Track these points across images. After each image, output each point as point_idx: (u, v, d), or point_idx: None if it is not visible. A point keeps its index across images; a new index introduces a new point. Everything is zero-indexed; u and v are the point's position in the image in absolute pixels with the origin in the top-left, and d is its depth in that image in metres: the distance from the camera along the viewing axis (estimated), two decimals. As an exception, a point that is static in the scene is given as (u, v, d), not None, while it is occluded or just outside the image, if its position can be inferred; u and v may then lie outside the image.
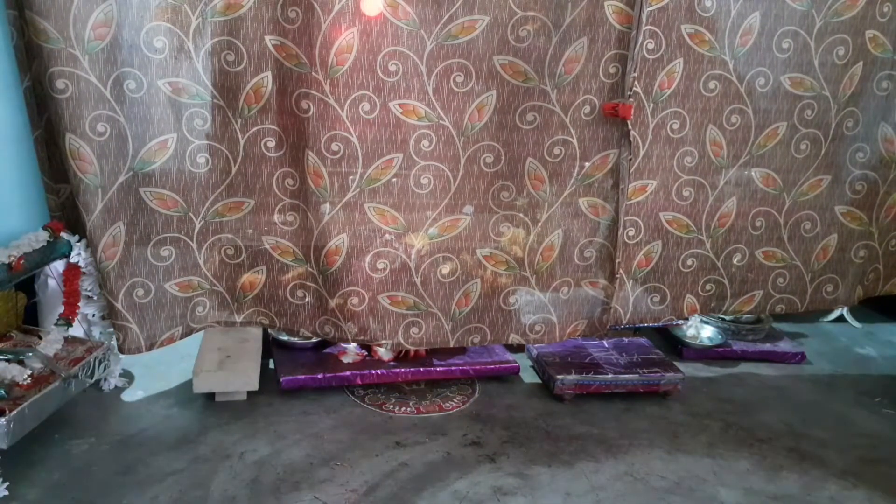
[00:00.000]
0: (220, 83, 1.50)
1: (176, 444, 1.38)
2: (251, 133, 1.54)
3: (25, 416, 1.23)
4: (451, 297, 1.69)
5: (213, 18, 1.46)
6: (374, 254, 1.64)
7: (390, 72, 1.52)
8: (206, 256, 1.61)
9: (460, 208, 1.65)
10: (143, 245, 1.53)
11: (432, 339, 1.71)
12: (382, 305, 1.67)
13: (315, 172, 1.55)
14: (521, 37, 1.53)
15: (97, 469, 1.28)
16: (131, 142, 1.45)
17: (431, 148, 1.59)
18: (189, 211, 1.56)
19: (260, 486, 1.25)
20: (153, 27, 1.42)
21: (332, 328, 1.67)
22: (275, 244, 1.63)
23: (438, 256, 1.66)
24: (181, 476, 1.26)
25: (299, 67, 1.49)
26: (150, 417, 1.47)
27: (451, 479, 1.34)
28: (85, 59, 1.36)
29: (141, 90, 1.44)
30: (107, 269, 1.48)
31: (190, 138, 1.52)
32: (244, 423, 1.47)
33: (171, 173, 1.52)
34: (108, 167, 1.44)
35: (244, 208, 1.60)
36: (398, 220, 1.63)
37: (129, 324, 1.53)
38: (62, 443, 1.34)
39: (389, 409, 1.60)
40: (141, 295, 1.54)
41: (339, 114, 1.52)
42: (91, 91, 1.38)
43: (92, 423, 1.42)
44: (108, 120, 1.42)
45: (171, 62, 1.46)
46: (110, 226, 1.47)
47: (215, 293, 1.65)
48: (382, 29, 1.49)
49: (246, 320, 1.68)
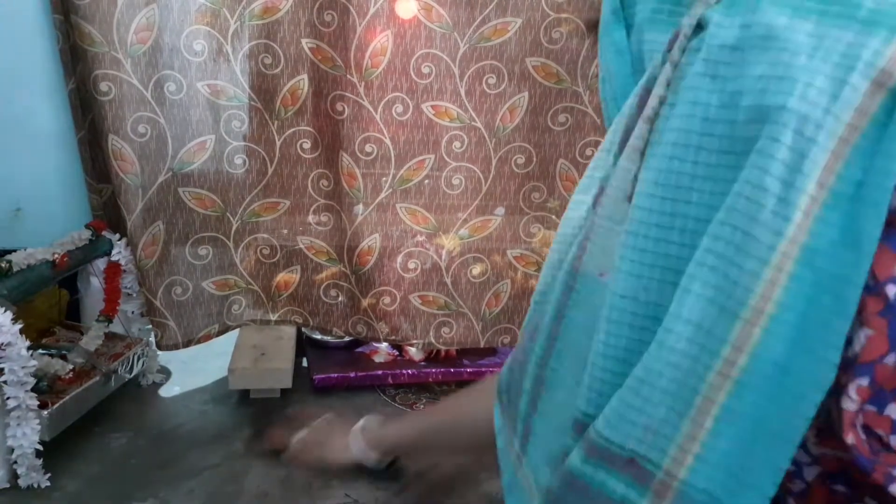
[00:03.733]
0: (258, 85, 1.53)
1: (211, 439, 1.39)
2: (287, 135, 1.57)
3: (67, 410, 1.27)
4: (481, 297, 1.70)
5: (250, 22, 1.48)
6: (405, 254, 1.65)
7: (423, 74, 1.53)
8: (243, 255, 1.64)
9: (491, 209, 1.65)
10: (182, 244, 1.56)
11: (463, 339, 1.72)
12: (414, 305, 1.68)
13: (349, 174, 1.57)
14: (553, 38, 1.53)
15: (135, 462, 1.30)
16: (171, 143, 1.49)
17: (463, 149, 1.60)
18: (226, 211, 1.58)
19: (292, 483, 1.26)
20: (193, 31, 1.45)
21: (365, 327, 1.69)
22: (309, 244, 1.65)
23: (469, 257, 1.67)
24: (216, 471, 1.28)
25: (334, 70, 1.51)
26: (187, 413, 1.49)
27: (480, 479, 1.34)
28: (127, 63, 1.39)
29: (181, 92, 1.47)
30: (146, 267, 1.51)
31: (228, 139, 1.55)
32: (278, 420, 1.49)
33: (210, 174, 1.55)
34: (149, 168, 1.48)
35: (280, 209, 1.62)
36: (429, 220, 1.64)
37: (167, 321, 1.56)
38: (102, 436, 1.37)
39: (420, 409, 1.61)
40: (179, 293, 1.57)
41: (372, 115, 1.53)
42: (133, 93, 1.41)
43: (130, 417, 1.45)
44: (149, 121, 1.45)
45: (210, 65, 1.49)
46: (150, 225, 1.51)
47: (251, 292, 1.67)
48: (416, 31, 1.50)
49: (280, 319, 1.71)
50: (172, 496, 1.20)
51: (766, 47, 0.40)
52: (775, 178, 0.39)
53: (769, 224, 0.39)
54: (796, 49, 0.39)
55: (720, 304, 0.40)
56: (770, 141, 0.39)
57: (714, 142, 0.42)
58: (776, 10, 0.40)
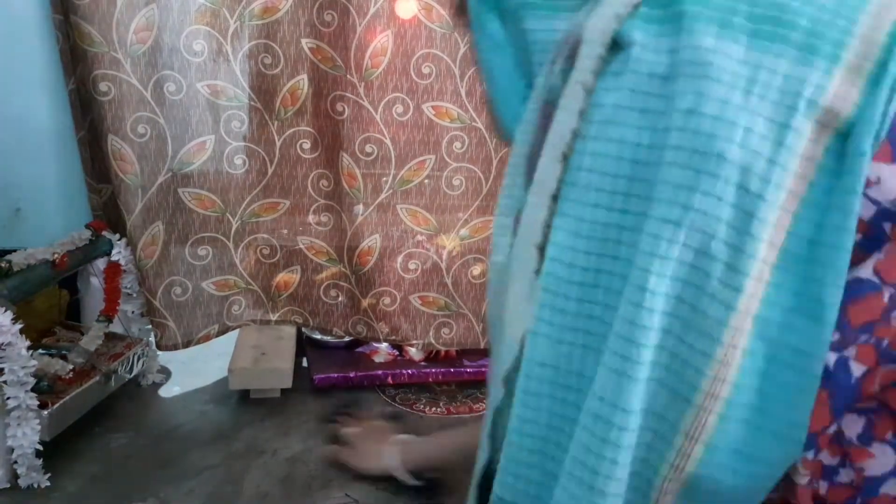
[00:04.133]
0: (258, 86, 1.53)
1: (211, 439, 1.39)
2: (287, 135, 1.57)
3: (67, 410, 1.26)
4: (481, 298, 1.70)
5: (250, 22, 1.48)
6: (405, 254, 1.65)
7: (424, 74, 1.53)
8: (243, 256, 1.64)
9: (492, 210, 1.65)
10: (182, 244, 1.56)
11: (463, 339, 1.71)
12: (414, 306, 1.68)
13: (349, 174, 1.57)
14: (554, 39, 1.53)
15: (135, 462, 1.30)
16: (171, 143, 1.49)
17: (464, 150, 1.60)
18: (226, 211, 1.59)
19: (292, 482, 1.26)
20: (193, 30, 1.45)
21: (365, 328, 1.69)
22: (309, 244, 1.65)
23: (470, 258, 1.67)
24: (216, 471, 1.28)
25: (334, 70, 1.51)
26: (187, 413, 1.49)
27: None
28: (127, 63, 1.39)
29: (180, 93, 1.47)
30: (146, 268, 1.51)
31: (227, 140, 1.55)
32: (278, 420, 1.48)
33: (209, 174, 1.55)
34: (148, 168, 1.48)
35: (280, 209, 1.62)
36: (430, 221, 1.64)
37: (166, 321, 1.56)
38: (102, 436, 1.37)
39: (420, 408, 1.61)
40: (179, 293, 1.57)
41: (373, 116, 1.54)
42: (133, 93, 1.41)
43: (130, 417, 1.45)
44: (149, 122, 1.45)
45: (210, 65, 1.49)
46: (150, 225, 1.51)
47: (251, 292, 1.67)
48: (416, 32, 1.50)
49: (280, 319, 1.71)
50: (172, 496, 1.20)
51: (694, 75, 0.34)
52: (721, 241, 0.34)
53: (718, 296, 0.34)
54: (731, 81, 0.34)
55: (671, 388, 0.35)
56: (711, 199, 0.34)
57: (646, 188, 0.36)
58: (702, 28, 0.34)
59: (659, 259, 0.34)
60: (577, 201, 0.38)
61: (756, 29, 0.33)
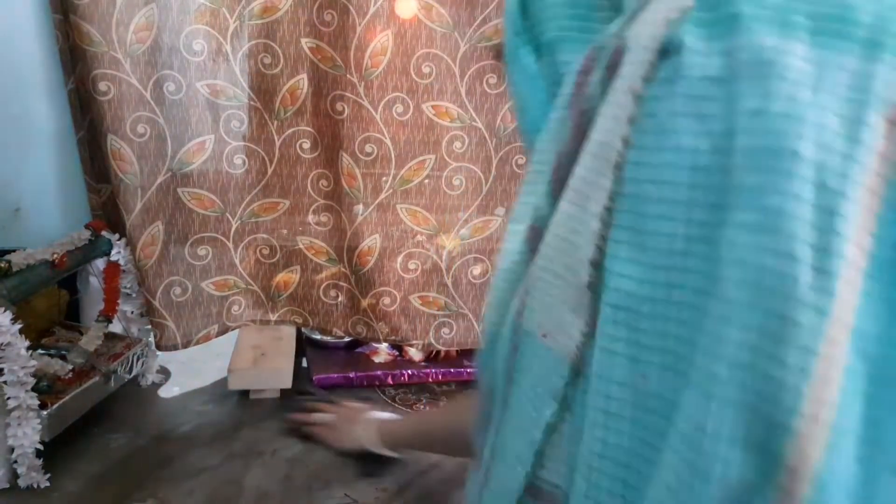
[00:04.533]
0: (257, 85, 1.53)
1: (211, 440, 1.39)
2: (287, 135, 1.57)
3: (67, 410, 1.26)
4: (481, 298, 1.70)
5: (250, 21, 1.48)
6: (405, 254, 1.65)
7: (424, 74, 1.53)
8: (242, 256, 1.63)
9: (492, 210, 1.65)
10: (181, 244, 1.56)
11: (463, 340, 1.71)
12: (414, 306, 1.68)
13: (349, 174, 1.57)
14: (554, 38, 1.53)
15: (135, 462, 1.30)
16: (170, 143, 1.48)
17: (464, 149, 1.60)
18: (226, 211, 1.58)
19: (292, 482, 1.26)
20: (193, 30, 1.45)
21: (364, 328, 1.69)
22: (309, 244, 1.65)
23: (470, 257, 1.67)
24: (216, 472, 1.28)
25: (334, 70, 1.51)
26: (186, 413, 1.49)
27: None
28: (127, 62, 1.39)
29: (180, 92, 1.47)
30: (145, 268, 1.51)
31: (227, 139, 1.54)
32: (277, 420, 1.48)
33: (209, 174, 1.55)
34: (148, 168, 1.47)
35: (279, 209, 1.62)
36: (430, 220, 1.64)
37: (166, 321, 1.56)
38: (101, 436, 1.37)
39: (420, 409, 1.61)
40: (178, 293, 1.57)
41: (372, 115, 1.53)
42: (132, 93, 1.41)
43: (130, 417, 1.45)
44: (148, 121, 1.45)
45: (210, 65, 1.49)
46: (149, 225, 1.50)
47: (250, 292, 1.67)
48: (416, 31, 1.50)
49: (280, 319, 1.71)
50: (172, 496, 1.20)
51: (759, 75, 0.33)
52: (805, 243, 0.31)
53: (809, 301, 0.30)
54: (797, 78, 0.32)
55: (763, 414, 0.31)
56: (788, 198, 0.31)
57: (708, 195, 0.34)
58: (762, 29, 0.33)
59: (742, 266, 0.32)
60: (638, 213, 0.36)
61: (818, 27, 0.32)
